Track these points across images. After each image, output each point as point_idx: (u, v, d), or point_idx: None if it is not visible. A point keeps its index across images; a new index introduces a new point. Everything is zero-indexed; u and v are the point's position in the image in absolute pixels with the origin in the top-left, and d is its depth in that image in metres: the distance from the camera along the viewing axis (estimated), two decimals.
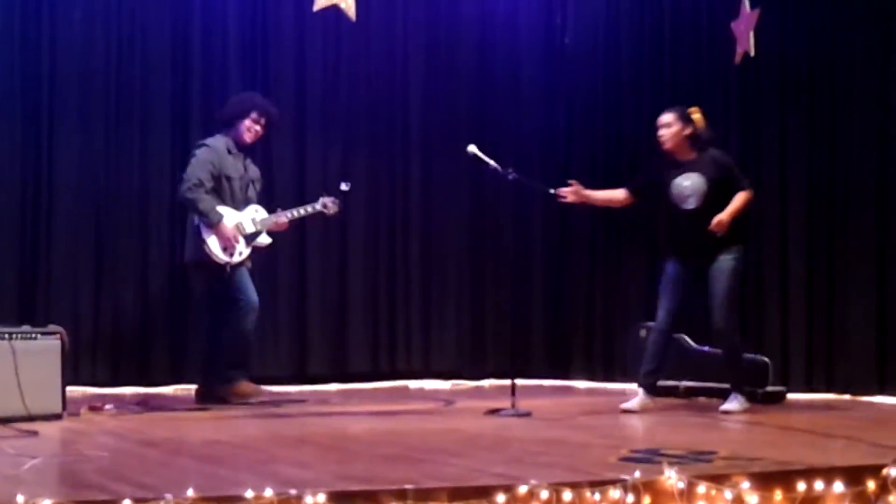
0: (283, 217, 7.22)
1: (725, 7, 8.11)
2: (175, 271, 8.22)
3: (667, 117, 6.80)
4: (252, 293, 7.08)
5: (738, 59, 7.96)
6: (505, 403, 6.57)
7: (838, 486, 4.11)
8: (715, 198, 6.61)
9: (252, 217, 7.13)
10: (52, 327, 6.35)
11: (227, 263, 6.99)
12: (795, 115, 8.06)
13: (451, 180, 8.85)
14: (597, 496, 3.90)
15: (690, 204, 6.68)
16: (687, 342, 7.70)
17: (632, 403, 6.70)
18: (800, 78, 8.05)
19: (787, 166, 8.10)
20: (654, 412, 6.65)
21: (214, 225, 6.92)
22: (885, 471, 4.19)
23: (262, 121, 7.17)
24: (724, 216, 6.55)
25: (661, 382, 7.60)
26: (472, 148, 6.81)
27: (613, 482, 3.96)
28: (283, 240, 8.48)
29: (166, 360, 8.16)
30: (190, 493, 3.62)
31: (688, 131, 6.74)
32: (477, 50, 9.12)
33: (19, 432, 5.49)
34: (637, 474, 3.99)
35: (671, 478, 3.99)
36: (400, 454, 4.93)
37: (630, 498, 3.93)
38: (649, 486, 3.97)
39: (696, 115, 6.78)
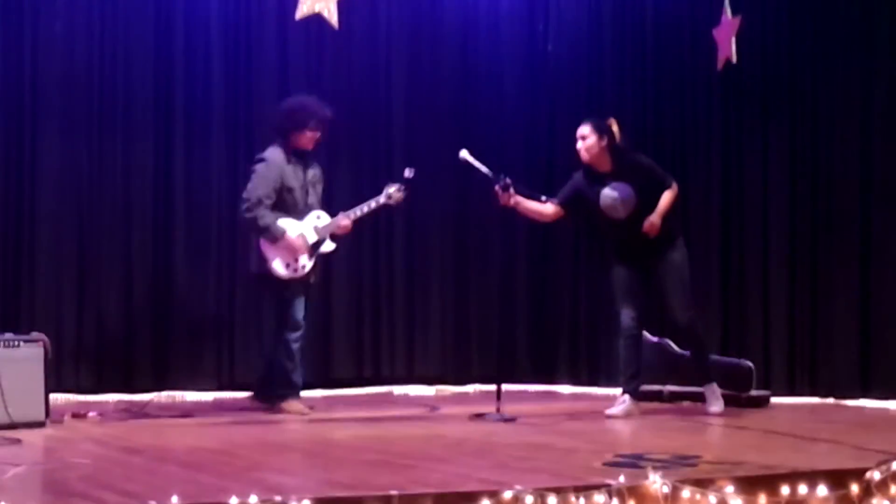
0: (345, 219, 7.05)
1: (707, 14, 8.15)
2: (158, 278, 8.21)
3: (584, 129, 6.84)
4: (301, 312, 7.02)
5: (720, 65, 8.00)
6: (489, 408, 6.57)
7: (822, 490, 4.13)
8: (643, 203, 6.69)
9: (314, 225, 7.01)
10: (34, 335, 6.34)
11: (291, 279, 6.95)
12: (777, 120, 8.10)
13: (434, 187, 8.84)
14: (581, 501, 3.91)
15: (621, 213, 6.74)
16: (670, 347, 7.72)
17: (617, 409, 6.72)
18: (781, 83, 8.09)
19: (769, 172, 8.13)
20: (638, 417, 6.66)
21: (279, 239, 6.85)
22: (868, 474, 4.21)
23: (321, 126, 7.06)
24: (654, 218, 6.65)
25: (646, 387, 7.64)
26: (465, 153, 6.83)
27: (598, 487, 3.97)
28: None
29: (150, 367, 8.14)
30: (174, 500, 3.62)
31: (604, 142, 6.78)
32: (460, 57, 9.13)
33: (2, 440, 5.47)
34: (622, 479, 4.01)
35: (656, 482, 4.00)
36: (385, 460, 4.93)
37: (615, 502, 3.94)
38: (634, 491, 3.98)
39: (614, 127, 6.82)
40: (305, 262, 6.96)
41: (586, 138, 6.81)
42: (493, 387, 6.84)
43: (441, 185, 8.84)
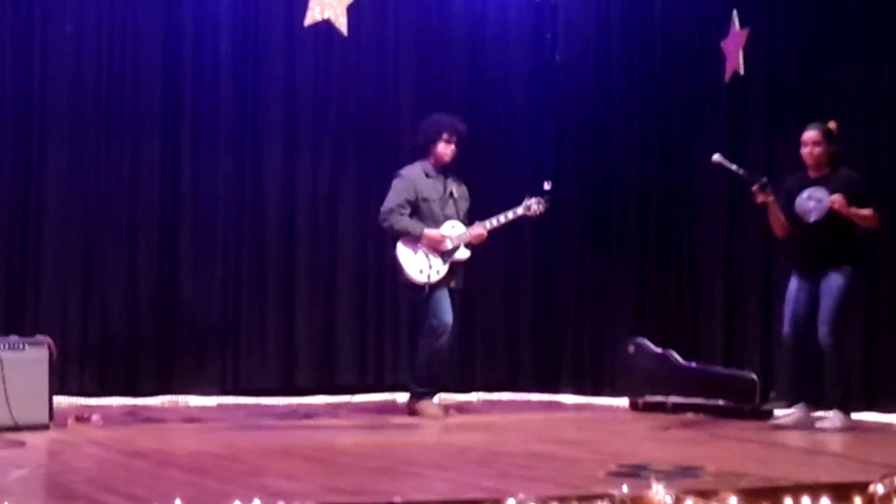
0: (480, 228, 7.33)
1: (715, 25, 8.15)
2: (163, 282, 8.22)
3: (815, 135, 6.85)
4: (445, 314, 7.27)
5: (727, 77, 8.00)
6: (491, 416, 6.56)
7: (825, 503, 4.12)
8: (837, 215, 6.68)
9: (448, 234, 7.30)
10: (39, 337, 6.35)
11: (426, 284, 7.19)
12: (782, 131, 8.08)
13: None
14: None
15: (811, 217, 6.76)
16: (675, 358, 7.72)
17: (786, 419, 6.77)
18: (787, 94, 8.08)
19: (774, 184, 8.10)
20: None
21: (420, 235, 7.21)
22: (871, 487, 4.19)
23: (454, 139, 7.38)
24: (838, 198, 6.62)
25: (649, 398, 7.64)
26: (718, 156, 7.04)
27: (601, 497, 3.96)
28: (270, 251, 8.53)
29: (154, 371, 8.15)
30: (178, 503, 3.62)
31: (832, 150, 6.82)
32: (468, 65, 9.13)
33: (6, 442, 5.47)
34: (625, 489, 4.00)
35: (659, 493, 3.99)
36: (387, 467, 4.92)
37: None
38: (637, 501, 3.97)
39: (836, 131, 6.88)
40: (439, 267, 7.25)
41: (818, 144, 6.83)
42: (495, 395, 6.85)
43: None
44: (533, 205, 7.34)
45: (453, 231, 7.30)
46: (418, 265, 7.23)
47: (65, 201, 8.06)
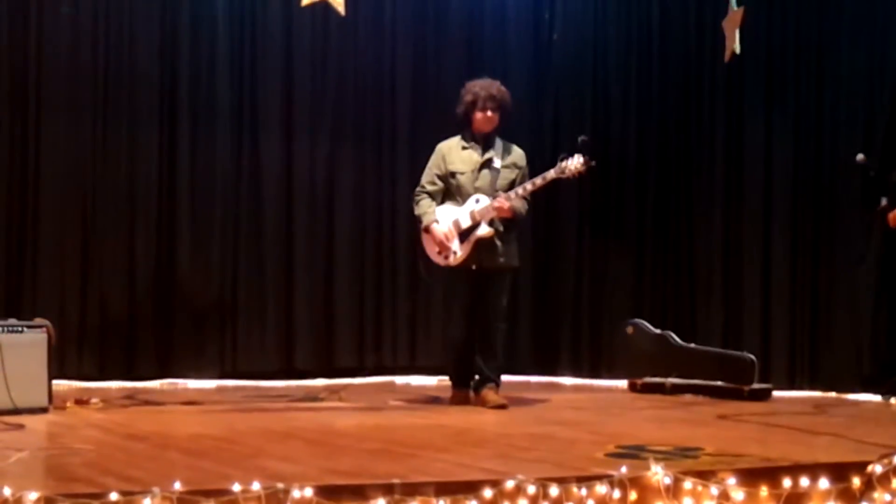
0: (500, 201, 6.64)
1: (713, 4, 8.13)
2: (162, 266, 8.22)
3: None
4: (454, 300, 6.85)
5: (727, 57, 7.97)
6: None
7: (824, 483, 4.13)
8: None
9: (471, 209, 6.72)
10: (38, 321, 6.34)
11: (449, 266, 6.74)
12: (781, 110, 8.08)
13: None
14: (583, 491, 3.91)
15: None
16: (673, 339, 7.73)
17: None
18: (786, 72, 8.08)
19: (773, 163, 8.12)
20: (641, 409, 6.66)
21: (425, 228, 6.76)
22: (870, 467, 4.20)
23: (489, 105, 6.75)
24: None
25: (648, 379, 7.65)
26: (861, 157, 6.94)
27: (600, 478, 3.97)
28: (268, 234, 8.52)
29: (153, 355, 8.15)
30: (177, 486, 3.62)
31: None
32: (465, 45, 9.11)
33: (5, 425, 5.47)
34: (623, 470, 4.00)
35: (658, 474, 4.00)
36: (387, 449, 4.93)
37: (616, 493, 3.94)
38: (636, 482, 3.98)
39: None
40: (457, 249, 6.70)
41: None
42: None
43: None
44: (570, 166, 6.58)
45: (477, 205, 6.70)
46: (434, 248, 6.77)
47: (62, 185, 8.05)
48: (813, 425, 5.84)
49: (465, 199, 6.76)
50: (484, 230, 6.68)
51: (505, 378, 6.86)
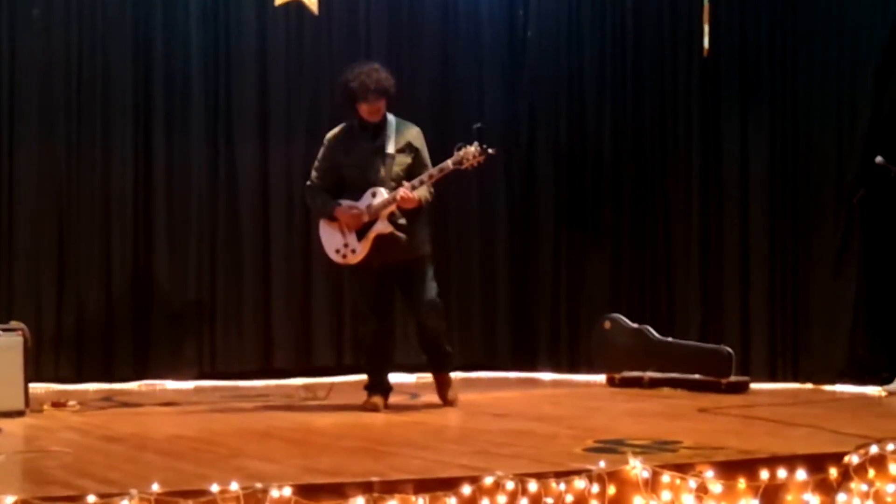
0: (403, 192, 6.16)
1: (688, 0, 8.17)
2: (138, 267, 8.19)
3: None
4: (367, 302, 6.42)
5: (706, 52, 8.01)
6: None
7: (801, 474, 4.15)
8: None
9: (368, 203, 6.23)
10: (14, 324, 6.32)
11: (348, 264, 6.36)
12: (756, 102, 8.11)
13: None
14: (562, 486, 3.92)
15: None
16: (651, 333, 7.74)
17: None
18: (760, 65, 8.10)
19: (749, 155, 8.14)
20: (619, 403, 6.68)
21: (331, 215, 6.28)
22: (846, 458, 4.23)
23: (370, 96, 6.28)
24: None
25: (626, 373, 7.67)
26: (880, 158, 6.93)
27: (579, 472, 3.98)
28: (245, 233, 8.50)
29: (130, 356, 8.12)
30: (155, 487, 3.61)
31: None
32: (439, 43, 9.11)
33: None
34: (602, 464, 4.02)
35: (636, 467, 4.01)
36: (365, 447, 4.93)
37: (595, 488, 3.95)
38: (614, 476, 4.00)
39: None
40: (356, 247, 6.24)
41: None
42: (472, 374, 6.82)
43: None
44: (467, 155, 6.17)
45: (374, 199, 6.19)
46: (334, 244, 6.30)
47: (37, 188, 8.01)
48: (790, 417, 5.86)
49: (360, 193, 6.27)
50: (384, 227, 6.23)
51: (483, 374, 6.87)
